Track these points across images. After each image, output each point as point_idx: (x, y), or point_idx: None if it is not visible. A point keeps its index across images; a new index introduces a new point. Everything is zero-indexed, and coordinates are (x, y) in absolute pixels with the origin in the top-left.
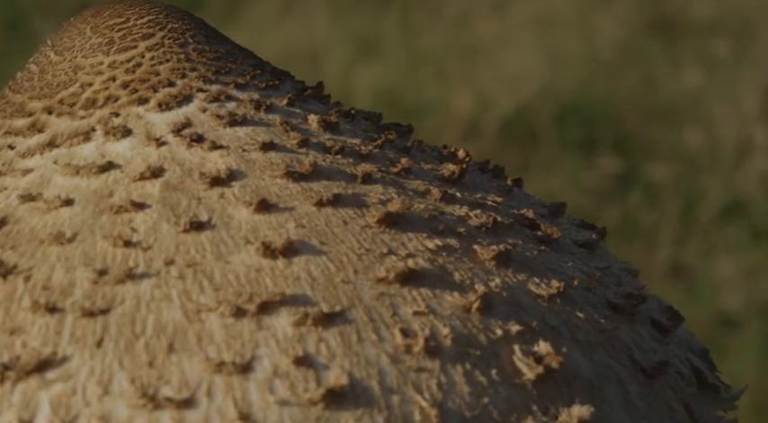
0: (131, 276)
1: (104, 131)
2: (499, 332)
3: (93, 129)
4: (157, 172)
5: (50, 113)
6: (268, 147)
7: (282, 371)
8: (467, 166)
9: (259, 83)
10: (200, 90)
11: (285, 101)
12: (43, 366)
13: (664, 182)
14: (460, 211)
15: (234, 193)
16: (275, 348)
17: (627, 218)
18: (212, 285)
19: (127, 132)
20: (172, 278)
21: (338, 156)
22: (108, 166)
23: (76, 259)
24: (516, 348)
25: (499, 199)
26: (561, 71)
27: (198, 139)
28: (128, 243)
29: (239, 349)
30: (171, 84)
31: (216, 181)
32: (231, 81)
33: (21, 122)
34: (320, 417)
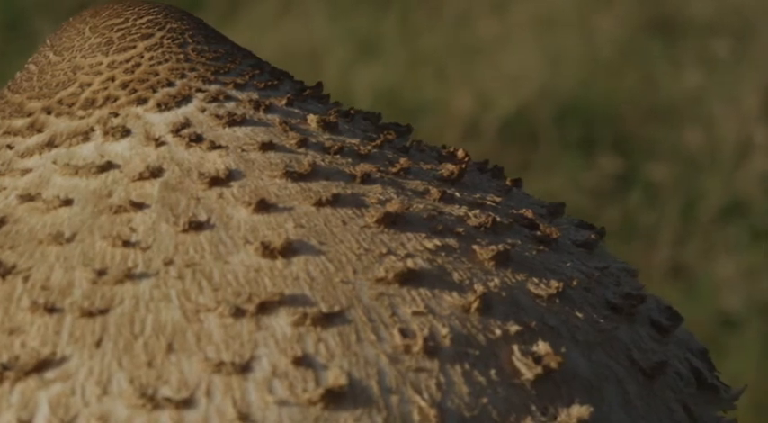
0: (130, 276)
1: (103, 131)
2: (498, 332)
3: (92, 129)
4: (156, 172)
5: (49, 113)
6: (267, 147)
7: (281, 371)
8: (466, 166)
9: (258, 83)
10: (199, 90)
11: (284, 101)
12: (42, 366)
13: (663, 182)
14: (459, 211)
15: (233, 193)
16: (274, 348)
17: (627, 218)
18: (211, 285)
19: (126, 132)
20: (171, 278)
21: (337, 156)
22: (107, 166)
23: (75, 259)
24: (515, 348)
25: (498, 199)
26: (561, 71)
27: (197, 139)
28: (127, 243)
29: (238, 349)
30: (170, 84)
31: (215, 181)
32: (230, 81)
33: (20, 122)
34: (319, 417)
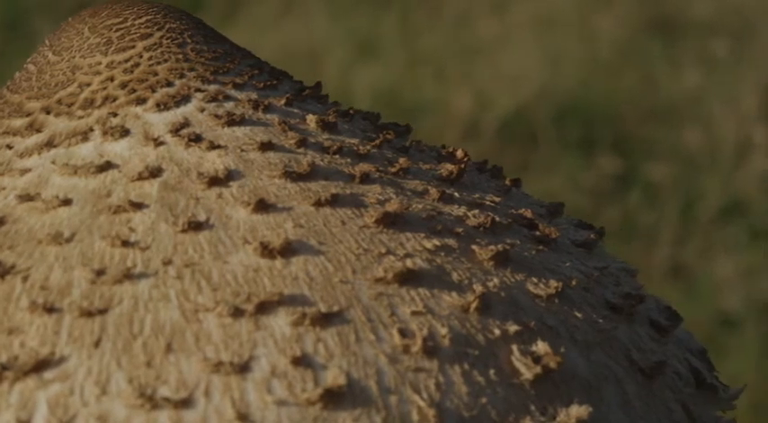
0: (129, 276)
1: (102, 131)
2: (497, 332)
3: (91, 129)
4: (155, 172)
5: (48, 113)
6: (266, 147)
7: (280, 371)
8: (465, 166)
9: (257, 83)
10: (198, 90)
11: (283, 101)
12: (41, 366)
13: (663, 182)
14: (459, 211)
15: (232, 193)
16: (273, 348)
17: (626, 218)
18: (210, 285)
19: (125, 132)
20: (170, 278)
21: (336, 156)
22: (106, 166)
23: (74, 259)
24: (514, 348)
25: (497, 199)
26: (561, 71)
27: (196, 139)
28: (126, 243)
29: (237, 349)
30: (169, 84)
31: (214, 181)
32: (229, 81)
33: (19, 122)
34: (318, 417)
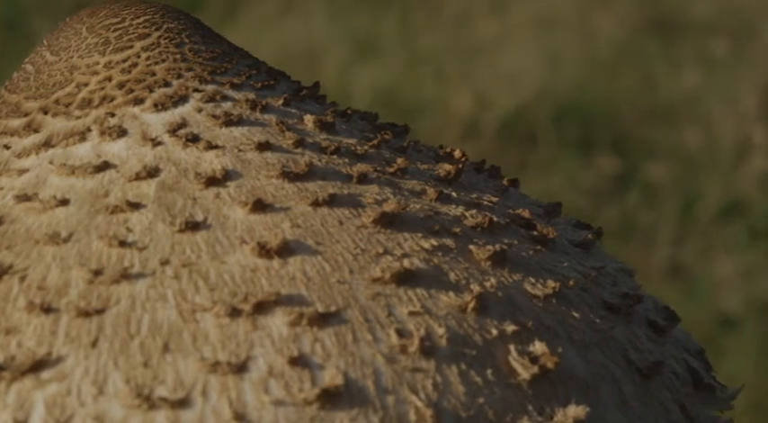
0: (126, 276)
1: (100, 131)
2: (495, 332)
3: (88, 129)
4: (153, 172)
5: (46, 113)
6: (264, 147)
7: (277, 371)
8: (463, 166)
9: (255, 83)
10: (195, 90)
11: (281, 101)
12: (38, 366)
13: (662, 182)
14: (456, 211)
15: (229, 193)
16: (270, 348)
17: (625, 218)
18: (207, 285)
19: (122, 132)
20: (167, 278)
21: (334, 156)
22: (103, 166)
23: (72, 259)
24: (512, 348)
25: (495, 199)
26: (560, 71)
27: (193, 139)
28: (123, 243)
29: (234, 349)
30: (167, 84)
31: (211, 181)
32: (227, 81)
33: (16, 122)
34: (315, 417)
